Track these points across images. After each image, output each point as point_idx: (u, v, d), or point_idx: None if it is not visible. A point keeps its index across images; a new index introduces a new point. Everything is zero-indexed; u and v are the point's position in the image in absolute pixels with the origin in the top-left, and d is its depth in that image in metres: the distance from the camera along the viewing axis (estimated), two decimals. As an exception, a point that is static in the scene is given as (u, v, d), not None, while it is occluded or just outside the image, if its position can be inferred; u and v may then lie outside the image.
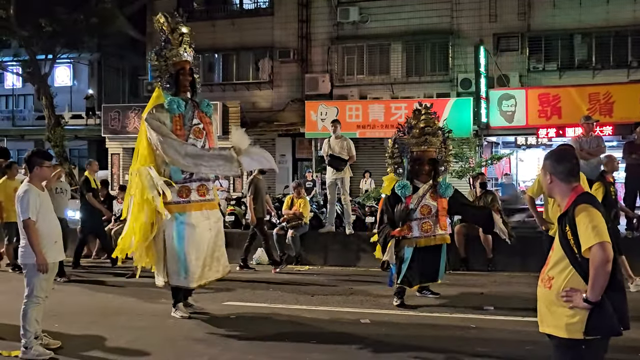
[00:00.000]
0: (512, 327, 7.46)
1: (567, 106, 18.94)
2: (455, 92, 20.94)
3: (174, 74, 8.12)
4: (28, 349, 6.27)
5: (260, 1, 24.55)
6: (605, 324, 3.54)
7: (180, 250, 7.82)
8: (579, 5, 20.41)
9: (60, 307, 8.20)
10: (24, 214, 6.36)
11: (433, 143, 8.68)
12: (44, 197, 6.59)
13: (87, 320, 8.03)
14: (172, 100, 7.96)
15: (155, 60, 8.18)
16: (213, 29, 24.38)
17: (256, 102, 24.11)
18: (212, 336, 7.28)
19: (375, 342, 6.89)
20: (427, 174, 8.63)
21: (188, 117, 8.11)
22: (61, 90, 32.01)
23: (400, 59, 22.53)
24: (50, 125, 22.34)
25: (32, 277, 6.40)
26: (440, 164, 8.78)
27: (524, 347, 6.48)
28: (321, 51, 23.31)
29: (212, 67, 25.26)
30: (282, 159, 23.87)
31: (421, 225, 8.47)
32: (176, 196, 7.89)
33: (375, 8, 22.68)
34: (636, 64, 20.16)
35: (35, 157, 6.63)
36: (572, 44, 21.09)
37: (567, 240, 3.59)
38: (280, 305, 8.81)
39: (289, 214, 12.61)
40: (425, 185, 8.60)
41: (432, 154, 8.68)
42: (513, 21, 21.18)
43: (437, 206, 8.52)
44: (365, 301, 9.07)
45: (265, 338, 7.12)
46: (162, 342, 7.06)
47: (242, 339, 7.15)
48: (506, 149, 21.21)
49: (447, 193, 8.59)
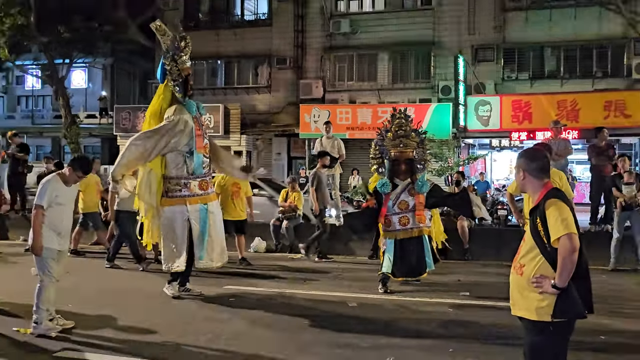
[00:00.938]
0: (486, 310, 7.48)
1: (537, 112, 19.03)
2: (436, 98, 21.01)
3: (183, 79, 8.17)
4: (38, 324, 6.24)
5: (260, 13, 24.50)
6: (571, 308, 3.55)
7: (205, 234, 8.02)
8: (549, 20, 20.49)
9: (74, 289, 8.17)
10: (38, 199, 6.33)
11: (408, 144, 8.67)
12: (65, 191, 6.52)
13: (99, 302, 7.99)
14: (189, 103, 8.15)
15: (169, 65, 8.17)
16: (216, 37, 24.35)
17: (255, 105, 24.10)
18: (214, 316, 7.28)
19: (361, 322, 6.91)
20: (405, 172, 8.58)
21: (199, 117, 8.33)
22: (77, 91, 31.95)
23: (386, 67, 22.58)
24: (67, 123, 22.26)
25: (44, 260, 6.37)
26: (418, 163, 8.75)
27: (497, 329, 6.50)
28: (315, 59, 23.32)
29: (215, 73, 25.23)
30: (278, 157, 23.88)
31: (400, 219, 8.49)
32: (198, 189, 8.10)
33: (364, 21, 22.72)
34: (600, 75, 20.26)
35: (76, 163, 6.62)
36: (542, 55, 21.18)
37: (538, 231, 3.61)
38: (276, 290, 8.79)
39: (285, 206, 12.59)
40: (404, 182, 8.59)
41: (408, 155, 8.65)
42: (489, 34, 21.24)
43: (414, 201, 8.52)
44: (352, 286, 9.07)
45: (262, 318, 7.12)
46: (168, 321, 7.04)
47: (241, 319, 7.14)
48: (482, 150, 21.31)
49: (423, 189, 8.57)
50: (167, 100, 8.19)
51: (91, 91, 35.01)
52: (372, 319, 7.11)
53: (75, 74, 33.16)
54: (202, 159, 8.16)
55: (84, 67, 33.66)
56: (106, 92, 33.64)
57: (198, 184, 8.12)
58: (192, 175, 8.08)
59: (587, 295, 3.65)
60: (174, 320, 7.08)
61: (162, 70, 8.29)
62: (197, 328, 6.70)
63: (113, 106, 27.24)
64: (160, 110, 8.17)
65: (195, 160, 8.06)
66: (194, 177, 8.09)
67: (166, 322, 6.98)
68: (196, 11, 25.24)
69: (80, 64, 29.89)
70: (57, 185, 6.44)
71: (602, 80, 20.18)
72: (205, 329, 6.67)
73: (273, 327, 6.76)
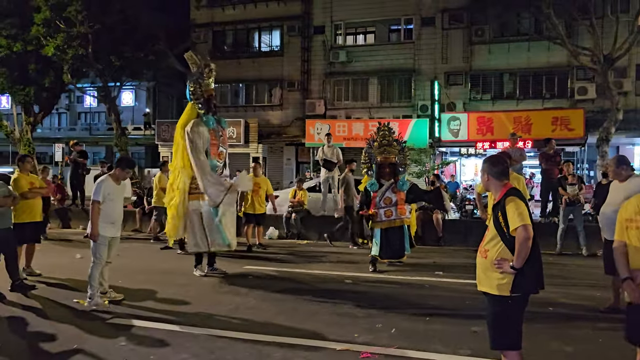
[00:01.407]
0: (456, 286, 7.48)
1: (497, 126, 18.95)
2: (416, 115, 20.93)
3: (206, 98, 8.19)
4: (91, 299, 6.26)
5: (274, 45, 24.46)
6: (526, 285, 3.54)
7: (218, 224, 8.03)
8: (507, 52, 20.45)
9: (123, 268, 8.17)
10: (94, 196, 6.31)
11: (391, 151, 8.86)
12: (116, 188, 6.51)
13: (142, 278, 8.01)
14: (208, 118, 8.15)
15: (192, 87, 8.23)
16: (238, 65, 24.33)
17: (269, 119, 24.06)
18: (236, 290, 7.28)
19: (355, 296, 6.90)
20: (389, 174, 8.73)
21: (218, 130, 8.30)
22: (126, 109, 32.04)
23: (376, 90, 22.53)
24: (118, 134, 22.23)
25: (98, 245, 6.37)
26: (399, 166, 8.90)
27: (464, 302, 6.50)
28: (318, 83, 23.27)
29: (237, 94, 25.20)
30: (288, 162, 23.84)
31: (384, 212, 8.62)
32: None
33: (358, 52, 22.70)
34: (549, 96, 20.24)
35: (123, 163, 6.63)
36: (502, 80, 21.12)
37: (499, 222, 3.60)
38: (285, 269, 8.79)
39: (293, 202, 12.58)
40: (388, 182, 8.72)
41: (391, 160, 8.81)
42: (459, 63, 21.20)
43: (396, 197, 8.64)
44: (348, 266, 9.08)
45: (275, 293, 7.11)
46: (198, 294, 7.05)
47: (257, 292, 7.16)
48: (453, 157, 21.23)
49: (403, 188, 8.69)
50: (193, 115, 8.27)
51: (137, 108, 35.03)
52: (364, 293, 7.12)
53: (124, 95, 33.20)
54: (215, 163, 8.18)
55: (132, 89, 33.68)
56: (149, 109, 33.64)
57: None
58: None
59: (539, 274, 3.64)
60: (203, 294, 7.08)
61: (189, 91, 8.36)
62: (222, 300, 6.71)
63: (155, 120, 27.27)
64: (186, 123, 8.24)
65: (209, 164, 8.07)
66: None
67: (197, 295, 6.98)
68: (222, 44, 25.22)
69: (128, 86, 29.93)
70: (109, 184, 6.44)
71: (550, 100, 20.13)
72: (229, 301, 6.67)
73: (283, 300, 6.76)
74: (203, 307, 6.36)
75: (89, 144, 30.52)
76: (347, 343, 4.98)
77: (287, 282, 7.81)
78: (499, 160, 3.85)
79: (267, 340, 5.08)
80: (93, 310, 6.15)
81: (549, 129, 17.96)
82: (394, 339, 5.14)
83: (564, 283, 7.55)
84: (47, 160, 34.92)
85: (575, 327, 5.58)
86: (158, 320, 5.79)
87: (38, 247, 8.32)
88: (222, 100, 25.14)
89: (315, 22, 23.33)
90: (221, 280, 7.92)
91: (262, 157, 22.82)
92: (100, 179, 6.52)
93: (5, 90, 22.66)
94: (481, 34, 20.82)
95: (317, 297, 6.87)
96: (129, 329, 5.48)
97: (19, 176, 7.88)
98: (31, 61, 21.23)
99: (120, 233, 6.78)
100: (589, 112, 18.52)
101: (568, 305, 6.43)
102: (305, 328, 5.49)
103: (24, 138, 23.51)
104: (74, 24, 19.42)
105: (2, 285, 6.89)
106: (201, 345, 4.96)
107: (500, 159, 3.89)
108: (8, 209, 7.07)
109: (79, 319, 5.83)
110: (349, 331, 5.36)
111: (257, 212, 10.95)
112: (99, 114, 37.68)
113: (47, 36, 19.71)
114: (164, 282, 7.69)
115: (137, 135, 30.92)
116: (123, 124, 24.15)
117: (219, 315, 6.00)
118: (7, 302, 6.57)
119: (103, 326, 5.59)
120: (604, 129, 15.78)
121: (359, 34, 23.56)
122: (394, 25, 22.74)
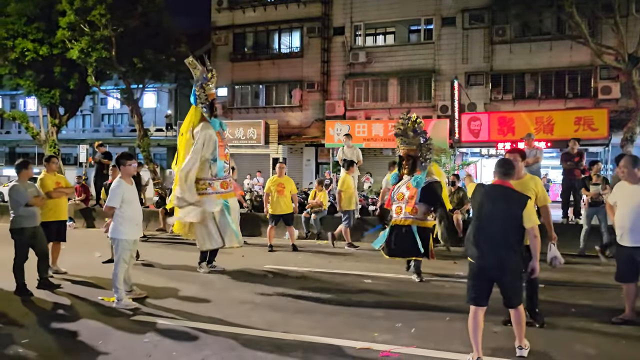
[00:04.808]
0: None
1: (519, 126, 18.77)
2: (436, 115, 20.83)
3: (210, 102, 8.44)
4: (119, 301, 6.35)
5: (294, 47, 24.54)
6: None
7: (230, 221, 8.32)
8: (529, 51, 20.21)
9: (146, 267, 8.30)
10: (110, 202, 6.36)
11: (408, 143, 8.07)
12: (131, 189, 6.56)
13: (165, 277, 8.12)
14: (213, 121, 8.44)
15: (198, 91, 8.44)
16: (259, 67, 24.50)
17: (289, 120, 24.15)
18: (255, 289, 7.32)
19: (375, 295, 6.92)
20: (408, 168, 8.04)
21: (221, 132, 8.62)
22: (148, 110, 32.42)
23: (395, 90, 22.46)
24: (140, 136, 22.53)
25: (119, 248, 6.44)
26: (421, 160, 8.01)
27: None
28: (338, 84, 23.28)
29: (257, 95, 25.33)
30: (308, 163, 23.90)
31: (395, 208, 7.96)
32: (220, 187, 8.40)
33: (378, 53, 22.64)
34: (571, 96, 19.92)
35: (121, 158, 6.64)
36: (523, 80, 20.86)
37: None
38: (306, 269, 8.81)
39: (313, 203, 12.61)
40: (406, 177, 8.06)
41: (409, 152, 8.04)
42: (480, 63, 21.02)
43: (408, 193, 7.85)
44: (368, 266, 9.06)
45: (295, 291, 7.16)
46: (219, 292, 7.12)
47: (277, 291, 7.19)
48: (473, 158, 21.08)
49: (417, 185, 7.80)
50: (197, 118, 8.50)
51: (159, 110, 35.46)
52: (383, 292, 7.11)
53: (147, 96, 33.57)
54: (223, 164, 8.45)
55: (154, 91, 34.08)
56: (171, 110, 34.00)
57: (220, 184, 8.42)
58: (216, 177, 8.38)
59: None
60: (224, 293, 7.14)
61: (193, 95, 8.56)
62: (243, 299, 6.76)
63: (177, 122, 27.56)
64: (191, 126, 8.50)
65: (217, 165, 8.35)
66: (217, 179, 8.39)
67: (218, 294, 7.05)
68: (242, 46, 25.37)
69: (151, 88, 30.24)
70: (124, 186, 6.46)
71: (572, 100, 19.82)
72: (249, 299, 6.73)
73: (303, 299, 6.79)
74: (224, 305, 6.43)
75: (112, 145, 30.98)
76: (366, 342, 4.99)
77: (307, 281, 7.84)
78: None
79: (287, 338, 5.13)
80: (117, 307, 6.27)
81: (571, 129, 17.73)
82: (414, 338, 5.14)
83: (586, 284, 7.45)
84: (72, 162, 35.57)
85: (598, 329, 5.50)
86: (180, 317, 5.87)
87: (63, 246, 8.49)
88: (242, 101, 25.37)
89: (335, 23, 23.36)
90: (242, 280, 7.99)
91: (282, 158, 22.91)
92: (115, 184, 6.48)
93: (31, 92, 23.16)
94: (502, 34, 20.61)
95: (337, 296, 6.90)
96: (153, 325, 5.57)
97: (45, 176, 8.14)
98: (56, 64, 21.69)
99: (142, 233, 6.87)
100: (612, 111, 18.24)
101: (590, 307, 6.35)
102: (325, 326, 5.52)
103: (49, 139, 24.01)
104: (98, 27, 19.75)
105: (29, 283, 7.05)
106: (222, 342, 5.02)
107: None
108: (38, 208, 7.26)
109: (104, 316, 5.95)
110: (368, 330, 5.37)
111: (284, 212, 10.83)
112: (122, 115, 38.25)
113: (72, 39, 20.09)
114: (186, 281, 7.79)
115: (159, 136, 31.32)
116: (145, 126, 24.43)
117: (239, 313, 6.06)
118: (35, 299, 6.74)
119: (127, 323, 5.69)
120: (628, 128, 15.51)
121: (379, 34, 23.49)
122: (414, 25, 22.63)
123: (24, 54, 20.95)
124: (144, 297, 6.72)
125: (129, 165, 6.60)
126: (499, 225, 4.43)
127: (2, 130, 42.24)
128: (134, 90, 23.10)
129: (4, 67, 21.99)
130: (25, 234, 7.05)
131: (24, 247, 7.08)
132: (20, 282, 6.95)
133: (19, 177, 7.24)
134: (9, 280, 7.12)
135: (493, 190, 4.66)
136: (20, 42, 20.95)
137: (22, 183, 7.19)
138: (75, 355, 4.78)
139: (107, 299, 6.58)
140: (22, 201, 6.98)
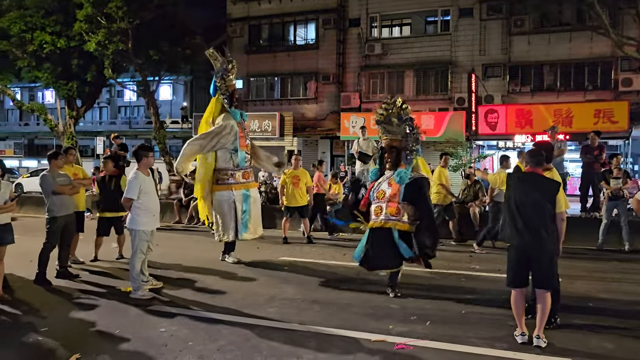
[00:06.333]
0: (492, 280, 7.37)
1: (537, 119, 18.58)
2: (453, 107, 20.69)
3: (230, 93, 8.49)
4: (136, 291, 6.42)
5: (309, 38, 24.48)
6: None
7: (247, 212, 8.38)
8: (547, 42, 19.94)
9: (163, 258, 8.38)
10: (128, 194, 6.40)
11: (392, 132, 6.80)
12: (148, 180, 6.60)
13: (181, 268, 8.19)
14: (234, 112, 8.50)
15: (219, 82, 8.49)
16: (274, 59, 24.49)
17: (304, 113, 24.14)
18: (272, 280, 7.37)
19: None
20: (390, 162, 6.68)
21: (242, 123, 8.64)
22: (164, 102, 32.66)
23: (411, 82, 22.31)
24: (156, 128, 22.72)
25: (136, 239, 6.49)
26: (407, 152, 6.72)
27: (501, 295, 6.38)
28: (353, 76, 23.20)
29: (273, 87, 25.35)
30: (323, 155, 23.90)
31: (374, 208, 6.62)
32: (241, 178, 8.46)
33: (394, 44, 22.49)
34: (591, 88, 19.63)
35: (140, 150, 6.66)
36: (542, 72, 20.59)
37: None
38: (321, 261, 8.84)
39: (329, 195, 12.59)
40: (388, 172, 6.71)
41: (393, 143, 6.73)
42: (497, 55, 20.78)
43: (390, 191, 6.53)
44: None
45: (310, 283, 7.19)
46: (235, 284, 7.17)
47: (293, 282, 7.23)
48: (490, 150, 20.91)
49: (400, 181, 6.48)
50: (218, 109, 8.58)
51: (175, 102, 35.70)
52: (401, 284, 7.05)
53: (163, 89, 33.86)
54: (244, 155, 8.52)
55: (170, 83, 34.32)
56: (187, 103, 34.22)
57: (242, 174, 8.48)
58: (237, 167, 8.44)
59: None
60: (239, 284, 7.19)
61: (214, 86, 8.64)
62: (258, 290, 6.80)
63: (192, 114, 27.71)
64: (212, 117, 8.55)
65: (239, 155, 8.41)
66: (238, 169, 8.45)
67: (234, 285, 7.10)
68: (258, 38, 25.37)
69: (166, 80, 30.51)
70: (141, 177, 6.49)
71: (592, 92, 19.52)
72: (264, 291, 6.76)
73: (318, 290, 6.81)
74: (239, 296, 6.47)
75: (128, 137, 31.30)
76: (381, 334, 5.00)
77: (322, 273, 7.86)
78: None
79: (302, 329, 5.15)
80: (134, 297, 6.34)
81: (591, 121, 17.50)
82: (429, 331, 5.14)
83: (604, 278, 7.37)
84: (89, 153, 35.96)
85: (616, 323, 5.44)
86: (196, 308, 5.93)
87: (81, 237, 8.61)
88: (257, 93, 25.40)
89: (350, 14, 23.25)
90: (257, 271, 8.03)
91: (297, 150, 22.93)
92: (132, 175, 6.47)
93: (50, 85, 23.46)
94: (520, 25, 20.34)
95: (352, 288, 6.91)
96: (169, 316, 5.62)
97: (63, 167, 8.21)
98: (74, 57, 21.94)
99: (159, 224, 6.94)
100: (633, 104, 17.96)
101: (609, 301, 6.27)
102: (339, 318, 5.53)
103: (67, 131, 24.32)
104: (115, 20, 19.92)
105: (48, 272, 7.16)
106: (237, 333, 5.06)
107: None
108: (69, 197, 7.43)
109: (121, 306, 6.02)
110: (383, 322, 5.37)
111: (300, 204, 10.90)
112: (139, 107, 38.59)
113: (89, 32, 20.27)
114: (202, 272, 7.85)
115: (174, 128, 31.55)
116: (161, 118, 24.64)
117: (254, 304, 6.09)
118: (54, 288, 6.85)
119: (144, 313, 5.76)
120: (649, 121, 15.27)
121: (395, 26, 23.34)
122: (431, 16, 22.45)
123: (42, 47, 21.22)
124: (160, 287, 6.79)
125: (148, 157, 6.63)
126: (534, 210, 4.75)
127: (21, 122, 42.88)
128: (150, 82, 23.27)
129: (23, 60, 22.29)
130: (57, 222, 7.23)
131: (55, 234, 7.25)
132: (42, 270, 7.07)
133: (50, 166, 7.46)
134: (28, 269, 7.26)
135: (527, 177, 4.95)
136: (38, 35, 21.22)
137: (52, 172, 7.37)
138: (92, 344, 4.84)
139: (124, 288, 6.66)
140: (48, 190, 7.18)
